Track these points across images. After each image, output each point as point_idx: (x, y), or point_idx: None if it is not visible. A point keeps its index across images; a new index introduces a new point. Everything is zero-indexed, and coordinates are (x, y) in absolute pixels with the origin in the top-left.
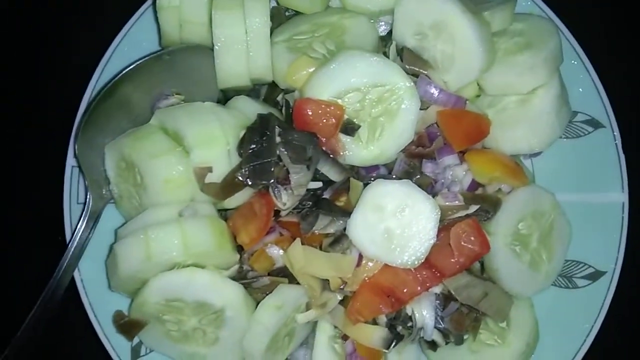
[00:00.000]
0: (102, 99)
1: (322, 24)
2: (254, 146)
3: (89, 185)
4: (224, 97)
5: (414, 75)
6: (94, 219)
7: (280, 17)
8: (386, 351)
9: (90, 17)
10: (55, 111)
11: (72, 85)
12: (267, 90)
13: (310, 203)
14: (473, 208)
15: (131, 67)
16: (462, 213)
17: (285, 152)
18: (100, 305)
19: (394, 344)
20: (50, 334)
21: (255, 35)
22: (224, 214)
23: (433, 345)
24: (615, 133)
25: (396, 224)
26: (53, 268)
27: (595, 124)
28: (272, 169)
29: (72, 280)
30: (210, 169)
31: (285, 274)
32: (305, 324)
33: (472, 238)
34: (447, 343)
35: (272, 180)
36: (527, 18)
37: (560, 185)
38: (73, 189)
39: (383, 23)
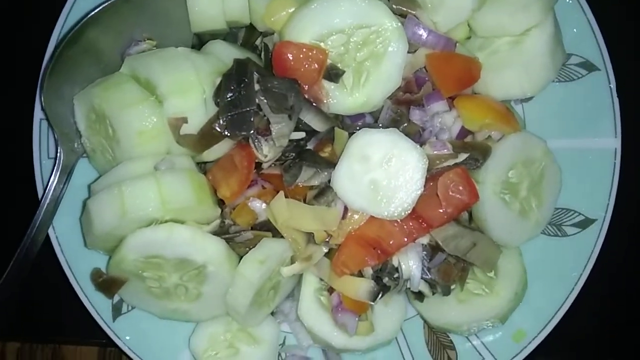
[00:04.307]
0: (67, 44)
1: None
2: (232, 94)
3: (59, 138)
4: (199, 42)
5: (402, 15)
6: (67, 173)
7: None
8: (372, 303)
9: None
10: (21, 61)
11: (37, 32)
12: (244, 34)
13: (293, 154)
14: (462, 157)
15: (97, 9)
16: (451, 162)
17: (265, 101)
18: (78, 263)
19: (380, 296)
20: (29, 293)
21: None
22: (202, 167)
23: (420, 296)
24: (610, 77)
25: (382, 175)
26: (27, 226)
27: (589, 66)
28: (252, 119)
29: (48, 238)
30: (185, 120)
31: (268, 228)
32: (290, 277)
33: (461, 188)
34: (434, 294)
35: (252, 131)
36: None
37: (552, 130)
38: (43, 143)
39: None
